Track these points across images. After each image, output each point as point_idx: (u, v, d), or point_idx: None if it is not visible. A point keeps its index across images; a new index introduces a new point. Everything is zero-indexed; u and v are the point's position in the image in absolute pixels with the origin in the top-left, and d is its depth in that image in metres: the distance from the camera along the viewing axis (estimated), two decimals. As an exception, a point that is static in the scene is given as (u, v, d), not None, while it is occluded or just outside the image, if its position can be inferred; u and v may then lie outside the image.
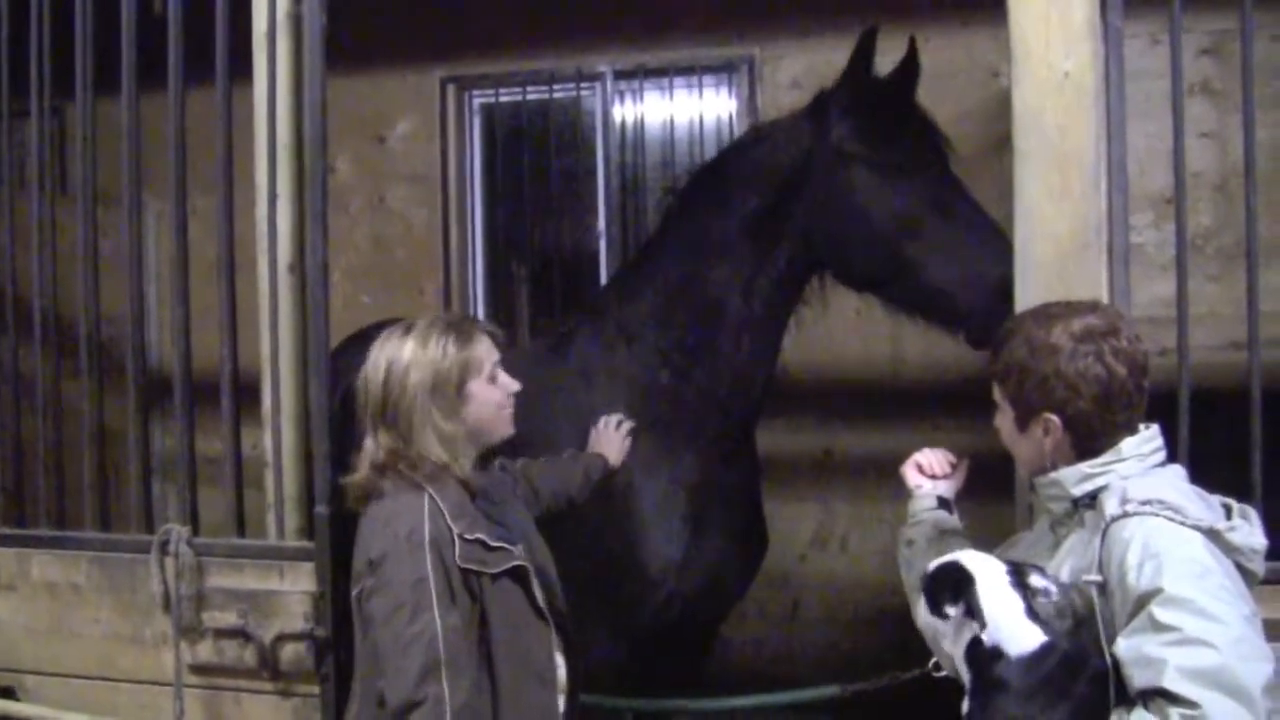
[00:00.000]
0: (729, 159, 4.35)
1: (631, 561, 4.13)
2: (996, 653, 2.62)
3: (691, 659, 4.74)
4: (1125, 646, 2.49)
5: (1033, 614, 2.66)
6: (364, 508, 3.20)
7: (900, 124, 3.94)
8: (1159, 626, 2.43)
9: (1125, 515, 2.61)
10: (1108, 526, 2.62)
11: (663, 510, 4.19)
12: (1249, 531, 2.70)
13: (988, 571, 2.70)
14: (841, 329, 6.00)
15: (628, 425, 4.18)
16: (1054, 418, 2.77)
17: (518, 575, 3.18)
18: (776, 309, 4.21)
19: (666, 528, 4.17)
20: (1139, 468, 2.75)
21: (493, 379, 3.29)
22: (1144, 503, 2.61)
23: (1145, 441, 2.79)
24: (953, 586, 2.72)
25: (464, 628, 3.03)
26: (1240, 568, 2.64)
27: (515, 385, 3.38)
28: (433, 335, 3.22)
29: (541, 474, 3.85)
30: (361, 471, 3.21)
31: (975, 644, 2.66)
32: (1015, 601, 2.66)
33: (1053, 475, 2.83)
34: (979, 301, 3.72)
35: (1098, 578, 2.61)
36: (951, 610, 2.70)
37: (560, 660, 3.30)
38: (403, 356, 3.19)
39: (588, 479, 3.99)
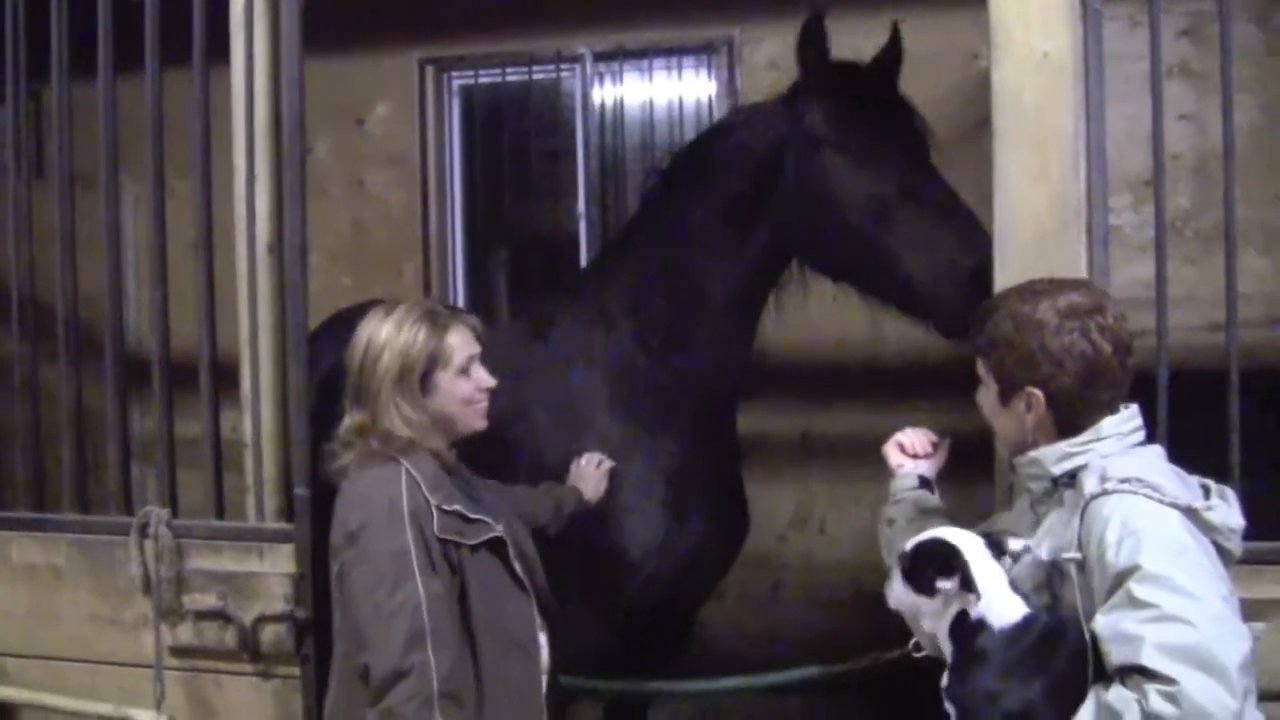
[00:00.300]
0: (708, 142, 4.34)
1: (611, 545, 4.14)
2: (980, 625, 2.64)
3: (671, 641, 4.75)
4: (1104, 623, 2.50)
5: (1014, 586, 2.68)
6: (341, 482, 3.21)
7: (877, 110, 3.92)
8: (1137, 603, 2.45)
9: (1104, 493, 2.62)
10: (1087, 504, 2.63)
11: (642, 495, 4.19)
12: (1227, 511, 2.71)
13: (971, 545, 2.72)
14: (820, 309, 5.99)
15: (608, 464, 4.16)
16: (1037, 392, 2.78)
17: (495, 547, 3.20)
18: (754, 293, 4.21)
19: (645, 512, 4.18)
20: (1118, 447, 2.76)
21: (464, 372, 3.30)
22: (1123, 481, 2.62)
23: (1125, 421, 2.80)
24: (940, 561, 2.72)
25: (445, 598, 3.04)
26: (1218, 547, 2.65)
27: (490, 381, 3.37)
28: (408, 321, 3.23)
29: (514, 498, 3.80)
30: (340, 442, 3.24)
31: (962, 617, 2.68)
32: (1000, 574, 2.68)
33: (1032, 454, 2.84)
34: (949, 292, 3.70)
35: (1077, 555, 2.62)
36: (946, 584, 2.70)
37: (542, 638, 3.31)
38: (378, 338, 3.21)
39: (559, 512, 3.95)
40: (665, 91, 6.87)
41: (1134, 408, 2.84)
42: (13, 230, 4.44)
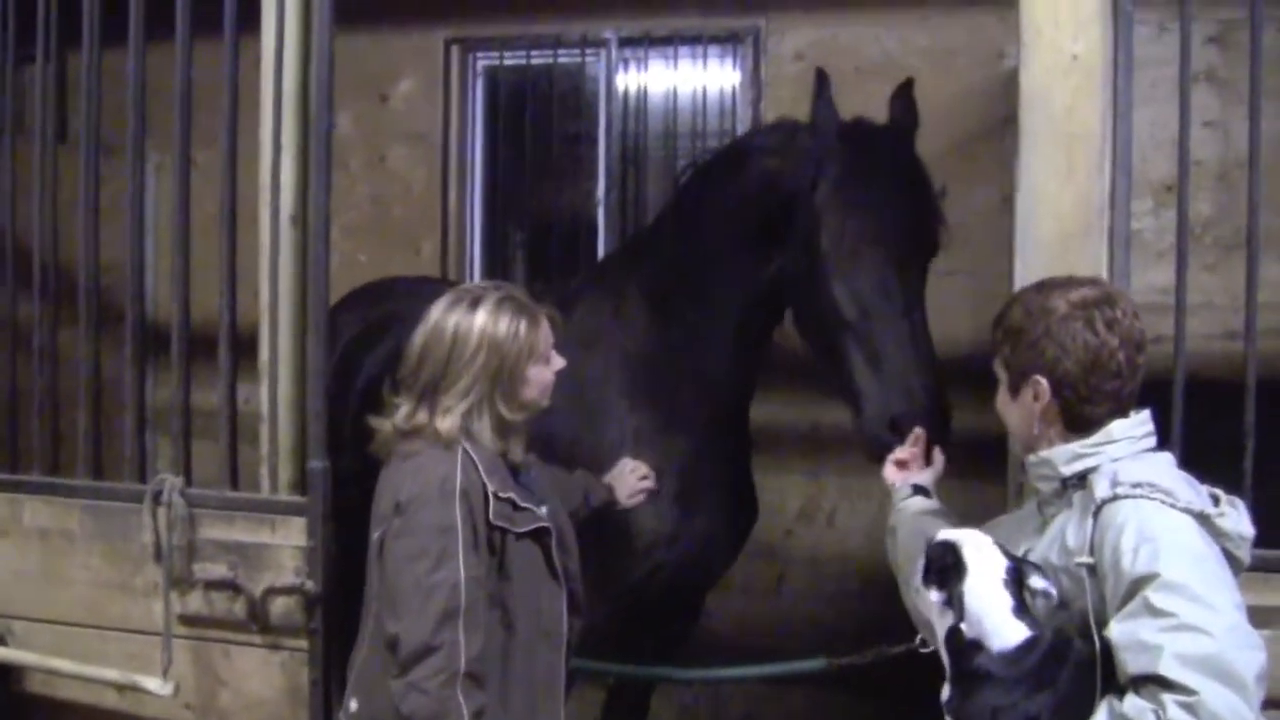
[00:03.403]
0: (745, 156, 4.22)
1: (619, 532, 4.14)
2: (976, 645, 2.64)
3: (676, 628, 4.76)
4: (1119, 631, 2.50)
5: (1020, 611, 2.66)
6: (390, 458, 3.23)
7: (887, 183, 3.81)
8: (1155, 611, 2.44)
9: (1116, 498, 2.62)
10: (1099, 509, 2.64)
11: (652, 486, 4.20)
12: (1237, 518, 2.72)
13: (983, 565, 2.70)
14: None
15: (650, 482, 4.12)
16: (1042, 380, 2.79)
17: (539, 536, 3.22)
18: (768, 313, 4.19)
19: (655, 504, 4.17)
20: (1129, 450, 2.76)
21: (547, 360, 3.31)
22: (1135, 485, 2.62)
23: (1137, 425, 2.80)
24: (941, 569, 2.73)
25: (483, 580, 3.06)
26: (1227, 554, 2.66)
27: (561, 363, 3.38)
28: (505, 314, 3.20)
29: (552, 478, 3.78)
30: (396, 427, 3.22)
31: (954, 633, 2.68)
32: (1004, 600, 2.65)
33: (1043, 454, 2.84)
34: (875, 422, 3.67)
35: (1089, 560, 2.62)
36: (934, 596, 2.72)
37: (566, 622, 3.33)
38: (472, 331, 3.17)
39: (586, 502, 3.93)
40: (690, 80, 6.85)
41: (1145, 413, 2.84)
42: (37, 195, 4.45)
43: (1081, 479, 2.77)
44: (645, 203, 6.90)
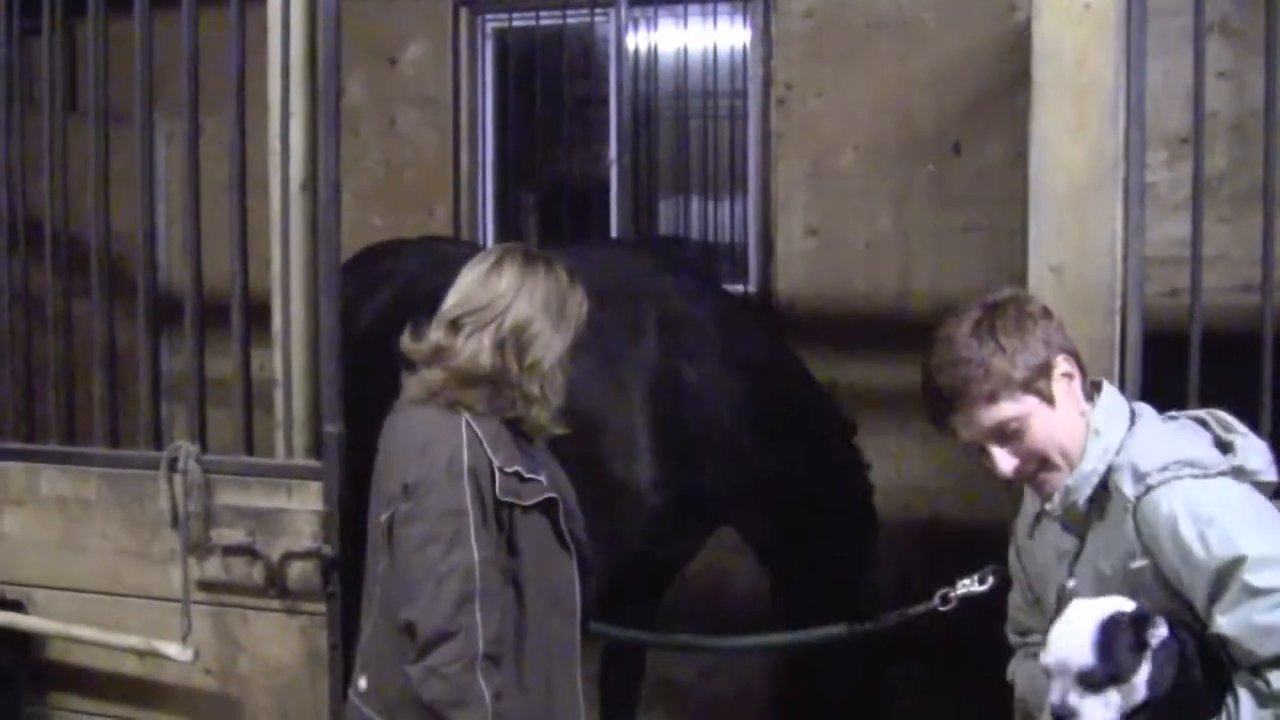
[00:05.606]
0: None
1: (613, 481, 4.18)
2: (1184, 642, 2.49)
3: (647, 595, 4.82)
4: (1228, 622, 2.42)
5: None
6: (397, 411, 3.17)
7: None
8: (1258, 592, 2.38)
9: (1149, 489, 2.54)
10: (1135, 507, 2.55)
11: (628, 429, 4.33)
12: (1250, 449, 2.63)
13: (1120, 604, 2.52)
14: (849, 261, 5.97)
15: None
16: (1062, 359, 2.66)
17: (547, 507, 3.15)
18: None
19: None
20: (1120, 431, 2.67)
21: None
22: (1162, 469, 2.54)
23: (1111, 403, 2.73)
24: (1132, 624, 2.46)
25: (495, 559, 3.01)
26: (1258, 486, 2.58)
27: None
28: (578, 283, 3.17)
29: None
30: (473, 366, 3.08)
31: (1181, 649, 2.49)
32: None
33: (1068, 483, 2.66)
34: None
35: (1144, 562, 2.54)
36: (1159, 631, 2.44)
37: (579, 588, 3.29)
38: (556, 292, 3.11)
39: None
40: (700, 39, 6.84)
41: (1105, 383, 2.80)
42: (48, 165, 4.44)
43: (1104, 487, 2.65)
44: (657, 163, 6.89)
